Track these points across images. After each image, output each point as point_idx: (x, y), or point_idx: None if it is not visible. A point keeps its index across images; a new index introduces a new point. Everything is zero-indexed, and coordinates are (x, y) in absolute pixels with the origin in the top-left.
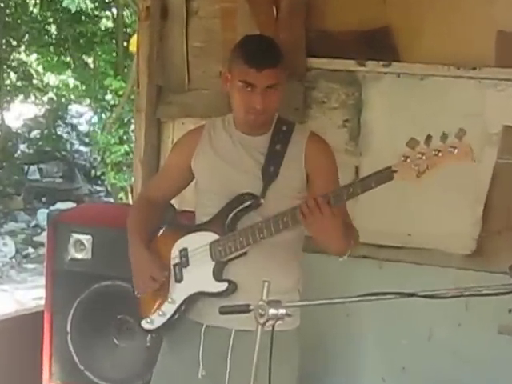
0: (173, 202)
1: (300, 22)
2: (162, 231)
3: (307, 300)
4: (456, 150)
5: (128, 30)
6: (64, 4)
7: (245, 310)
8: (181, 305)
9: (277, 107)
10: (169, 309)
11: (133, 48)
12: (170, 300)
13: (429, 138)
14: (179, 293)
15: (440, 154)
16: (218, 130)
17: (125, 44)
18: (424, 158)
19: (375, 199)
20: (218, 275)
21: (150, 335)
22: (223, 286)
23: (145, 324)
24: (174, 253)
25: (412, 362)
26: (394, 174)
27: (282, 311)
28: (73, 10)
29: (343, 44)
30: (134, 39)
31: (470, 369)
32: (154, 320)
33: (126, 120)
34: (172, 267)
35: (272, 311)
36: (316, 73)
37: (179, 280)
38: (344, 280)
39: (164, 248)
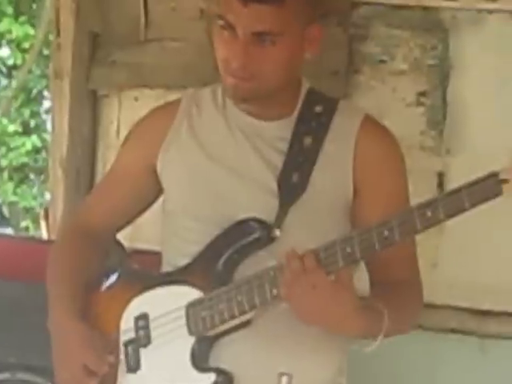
0: (120, 236)
1: None
2: (106, 285)
3: None
4: None
5: None
6: None
7: None
8: None
9: (278, 74)
10: None
11: None
12: None
13: None
14: None
15: None
16: (204, 108)
17: None
18: None
19: (473, 233)
20: (200, 361)
21: None
22: (209, 378)
23: None
24: (126, 322)
25: None
26: (502, 187)
27: None
28: None
29: None
30: None
31: None
32: None
33: (35, 92)
34: (122, 347)
35: None
36: (369, 11)
37: (134, 369)
38: (418, 370)
39: (109, 314)
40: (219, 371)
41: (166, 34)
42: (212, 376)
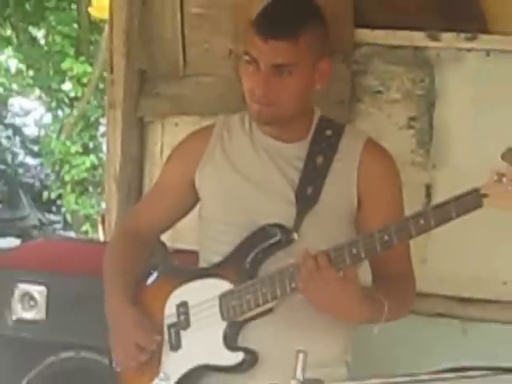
0: (162, 238)
1: None
2: (152, 279)
3: (359, 379)
4: None
5: None
6: None
7: None
8: (177, 383)
9: (295, 100)
10: None
11: (97, 13)
12: (162, 376)
13: None
14: (175, 366)
15: None
16: (234, 132)
17: (90, 11)
18: None
19: (456, 233)
20: (230, 342)
21: None
22: (238, 357)
23: None
24: (169, 309)
25: None
26: (483, 200)
27: None
28: None
29: (407, 9)
30: (99, 4)
31: None
32: None
33: (92, 119)
34: (166, 329)
35: None
36: (368, 50)
37: (176, 348)
38: (411, 348)
39: (155, 302)
40: (247, 350)
41: (200, 70)
42: (240, 355)
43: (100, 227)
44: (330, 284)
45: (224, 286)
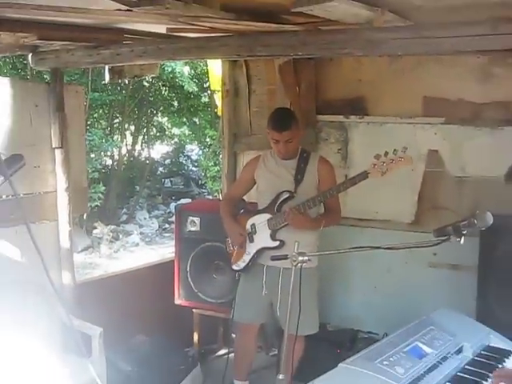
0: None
1: (312, 95)
2: (240, 214)
3: (320, 251)
4: (402, 159)
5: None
6: (185, 88)
7: (285, 258)
8: (253, 255)
9: (295, 149)
10: (247, 258)
11: (219, 112)
12: (247, 253)
13: (386, 153)
14: (252, 248)
15: (393, 162)
16: (268, 157)
17: (215, 111)
18: (384, 164)
19: (357, 191)
20: (273, 237)
21: (237, 273)
22: (276, 243)
23: (234, 267)
24: (248, 226)
25: (379, 284)
26: (368, 175)
27: (306, 258)
28: (190, 90)
29: (337, 106)
30: (219, 107)
31: (412, 288)
32: (240, 264)
33: (217, 152)
34: (247, 234)
35: (300, 258)
36: (322, 123)
37: (252, 241)
38: (341, 239)
39: (242, 223)
40: (280, 240)
41: (257, 132)
42: (277, 242)
43: (220, 195)
44: (300, 220)
45: (268, 216)
